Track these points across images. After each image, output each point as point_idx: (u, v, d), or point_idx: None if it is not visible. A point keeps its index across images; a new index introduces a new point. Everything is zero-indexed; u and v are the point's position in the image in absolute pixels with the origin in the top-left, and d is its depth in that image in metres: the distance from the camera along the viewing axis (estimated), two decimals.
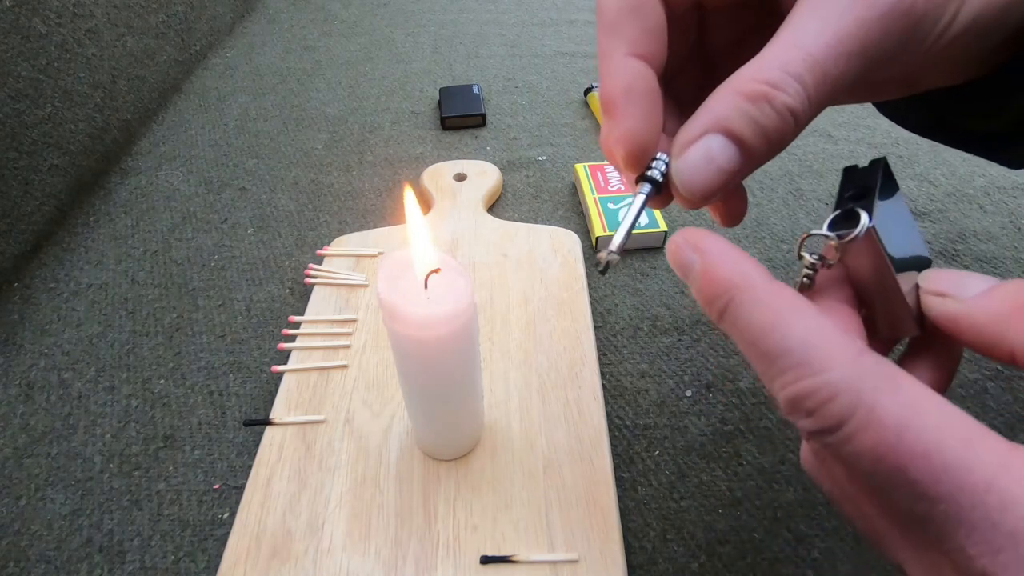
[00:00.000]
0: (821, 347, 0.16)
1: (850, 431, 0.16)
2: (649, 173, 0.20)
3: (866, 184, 0.21)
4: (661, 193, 0.21)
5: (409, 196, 0.30)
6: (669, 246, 0.20)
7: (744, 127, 0.18)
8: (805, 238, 0.21)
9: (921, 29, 0.19)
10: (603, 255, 0.21)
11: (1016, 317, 0.18)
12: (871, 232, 0.19)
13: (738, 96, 0.18)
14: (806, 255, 0.21)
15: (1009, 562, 0.14)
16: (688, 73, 0.25)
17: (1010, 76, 0.22)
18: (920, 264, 0.22)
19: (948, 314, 0.20)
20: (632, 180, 0.21)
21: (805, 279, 0.22)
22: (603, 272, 0.21)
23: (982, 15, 0.19)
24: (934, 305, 0.20)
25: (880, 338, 0.22)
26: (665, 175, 0.20)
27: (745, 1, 0.23)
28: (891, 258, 0.20)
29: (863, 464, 0.16)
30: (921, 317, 0.21)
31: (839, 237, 0.20)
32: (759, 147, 0.19)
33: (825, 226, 0.21)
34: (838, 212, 0.21)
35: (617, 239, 0.21)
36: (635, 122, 0.20)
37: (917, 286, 0.21)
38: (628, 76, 0.20)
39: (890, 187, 0.21)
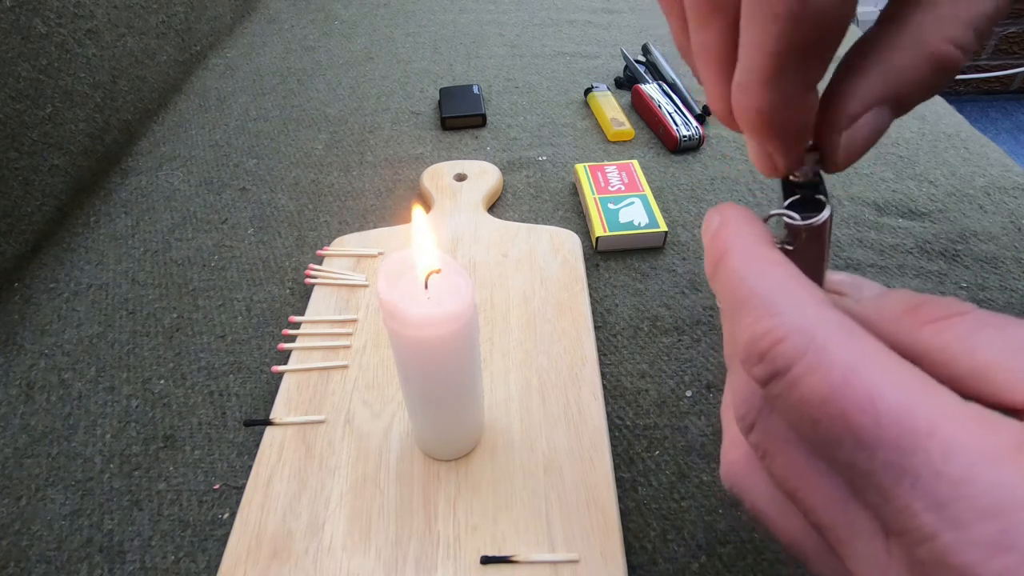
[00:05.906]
0: (786, 294, 0.16)
1: (797, 373, 0.15)
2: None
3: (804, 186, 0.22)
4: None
5: (418, 214, 0.30)
6: (706, 216, 0.21)
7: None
8: (769, 218, 0.22)
9: None
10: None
11: (907, 319, 0.18)
12: (828, 220, 0.20)
13: None
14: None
15: (956, 516, 0.13)
16: None
17: None
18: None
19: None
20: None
21: None
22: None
23: None
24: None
25: None
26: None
27: None
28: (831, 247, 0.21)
29: (808, 412, 0.15)
30: None
31: (804, 219, 0.21)
32: None
33: (794, 212, 0.21)
34: (796, 198, 0.21)
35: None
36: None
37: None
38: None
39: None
